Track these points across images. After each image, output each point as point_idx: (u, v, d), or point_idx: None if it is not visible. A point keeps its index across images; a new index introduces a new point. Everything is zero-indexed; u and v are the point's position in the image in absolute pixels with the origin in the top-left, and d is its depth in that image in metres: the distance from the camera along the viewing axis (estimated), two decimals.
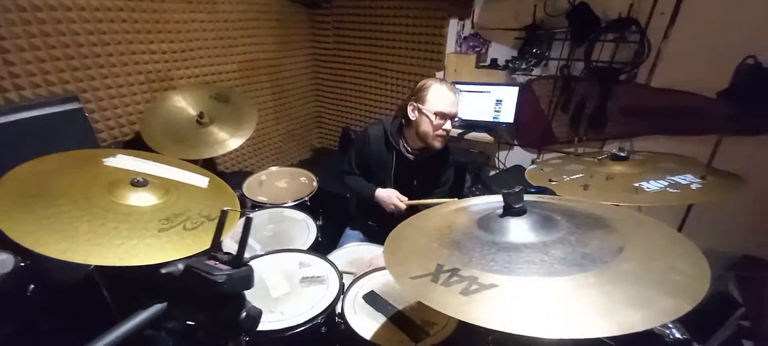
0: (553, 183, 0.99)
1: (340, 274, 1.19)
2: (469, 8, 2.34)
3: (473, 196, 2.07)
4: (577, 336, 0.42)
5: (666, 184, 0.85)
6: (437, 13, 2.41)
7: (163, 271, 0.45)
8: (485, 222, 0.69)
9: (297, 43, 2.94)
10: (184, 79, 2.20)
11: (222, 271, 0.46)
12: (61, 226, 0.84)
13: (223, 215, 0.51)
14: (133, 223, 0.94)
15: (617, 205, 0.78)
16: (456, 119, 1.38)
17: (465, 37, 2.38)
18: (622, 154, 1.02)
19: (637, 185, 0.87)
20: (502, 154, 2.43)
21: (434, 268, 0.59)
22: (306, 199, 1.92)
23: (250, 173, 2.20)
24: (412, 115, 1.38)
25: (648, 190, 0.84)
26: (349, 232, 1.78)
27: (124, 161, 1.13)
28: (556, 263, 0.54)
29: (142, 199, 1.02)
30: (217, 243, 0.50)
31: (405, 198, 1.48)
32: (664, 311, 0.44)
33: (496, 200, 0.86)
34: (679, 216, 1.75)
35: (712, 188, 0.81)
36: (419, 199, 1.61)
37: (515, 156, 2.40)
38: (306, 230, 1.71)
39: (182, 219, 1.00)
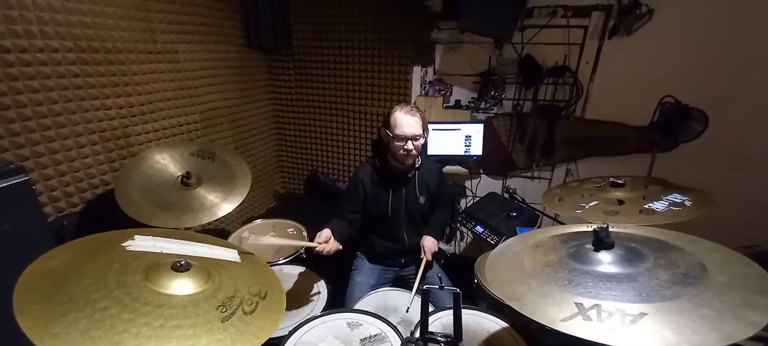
0: (579, 213, 1.16)
1: (395, 327, 1.17)
2: (430, 57, 2.59)
3: (459, 224, 2.24)
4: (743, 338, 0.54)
5: (667, 203, 1.09)
6: (400, 60, 2.60)
7: None
8: (581, 257, 0.80)
9: (256, 89, 2.84)
10: (142, 135, 1.95)
11: None
12: (119, 336, 0.71)
13: (426, 295, 0.51)
14: (194, 316, 0.82)
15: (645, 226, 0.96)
16: (420, 138, 1.51)
17: (430, 82, 2.61)
18: (620, 181, 1.26)
19: (646, 206, 1.10)
20: (473, 184, 2.67)
21: (575, 308, 0.67)
22: (301, 252, 1.84)
23: (227, 231, 2.02)
24: (386, 139, 1.54)
25: (657, 210, 1.07)
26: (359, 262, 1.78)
27: (145, 243, 0.97)
28: (672, 285, 0.67)
29: (187, 286, 0.90)
30: (426, 324, 0.50)
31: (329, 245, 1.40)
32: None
33: (531, 236, 0.98)
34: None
35: (698, 201, 1.08)
36: (428, 219, 1.76)
37: (485, 184, 2.66)
38: (312, 285, 1.65)
39: (237, 302, 0.91)
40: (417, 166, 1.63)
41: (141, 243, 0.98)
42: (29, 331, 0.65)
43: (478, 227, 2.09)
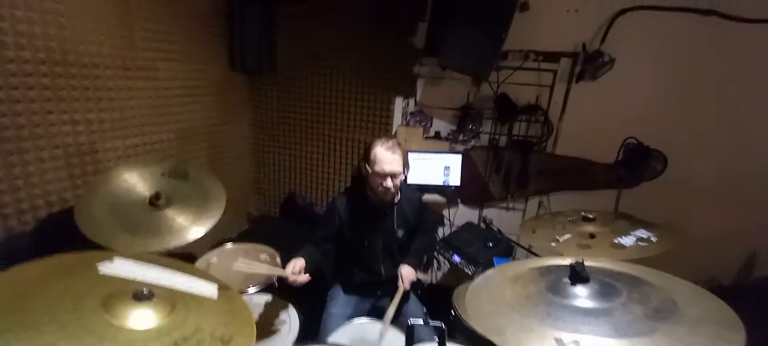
0: (554, 245, 1.20)
1: None
2: (412, 89, 2.68)
3: (439, 252, 2.24)
4: None
5: (635, 238, 1.15)
6: (383, 90, 2.67)
7: None
8: (558, 290, 0.82)
9: (237, 110, 2.81)
10: (111, 152, 1.86)
11: None
12: None
13: (411, 331, 0.50)
14: None
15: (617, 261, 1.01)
16: (399, 176, 1.49)
17: (412, 113, 2.68)
18: (591, 216, 1.32)
19: (616, 241, 1.15)
20: (451, 212, 2.71)
21: (555, 343, 0.68)
22: (274, 281, 1.77)
23: (193, 256, 1.92)
24: (365, 172, 1.53)
25: (626, 246, 1.12)
26: (334, 292, 1.72)
27: (122, 267, 0.90)
28: (646, 319, 0.70)
29: (144, 318, 0.81)
30: None
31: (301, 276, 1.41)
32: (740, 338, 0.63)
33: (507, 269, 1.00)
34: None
35: (663, 237, 1.14)
36: (407, 250, 1.72)
37: (462, 213, 2.70)
38: (284, 315, 1.58)
39: (193, 345, 0.83)
40: (396, 201, 1.62)
41: (116, 267, 0.91)
42: None
43: (456, 256, 2.10)
